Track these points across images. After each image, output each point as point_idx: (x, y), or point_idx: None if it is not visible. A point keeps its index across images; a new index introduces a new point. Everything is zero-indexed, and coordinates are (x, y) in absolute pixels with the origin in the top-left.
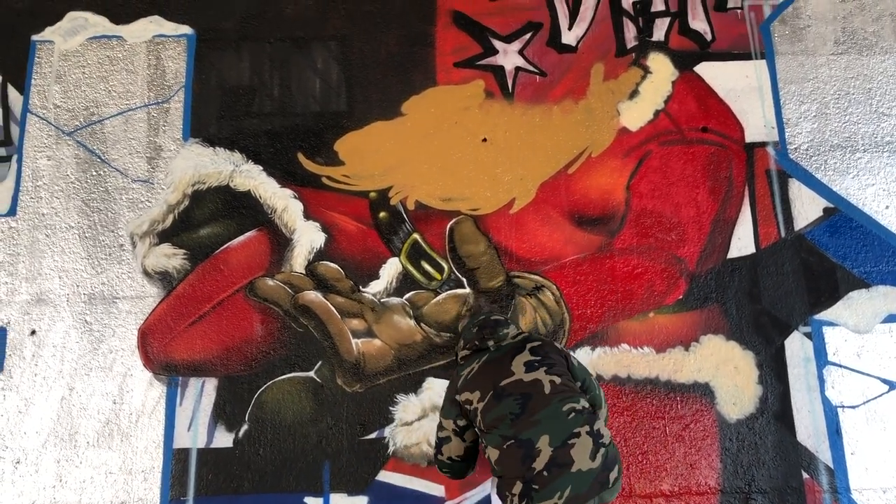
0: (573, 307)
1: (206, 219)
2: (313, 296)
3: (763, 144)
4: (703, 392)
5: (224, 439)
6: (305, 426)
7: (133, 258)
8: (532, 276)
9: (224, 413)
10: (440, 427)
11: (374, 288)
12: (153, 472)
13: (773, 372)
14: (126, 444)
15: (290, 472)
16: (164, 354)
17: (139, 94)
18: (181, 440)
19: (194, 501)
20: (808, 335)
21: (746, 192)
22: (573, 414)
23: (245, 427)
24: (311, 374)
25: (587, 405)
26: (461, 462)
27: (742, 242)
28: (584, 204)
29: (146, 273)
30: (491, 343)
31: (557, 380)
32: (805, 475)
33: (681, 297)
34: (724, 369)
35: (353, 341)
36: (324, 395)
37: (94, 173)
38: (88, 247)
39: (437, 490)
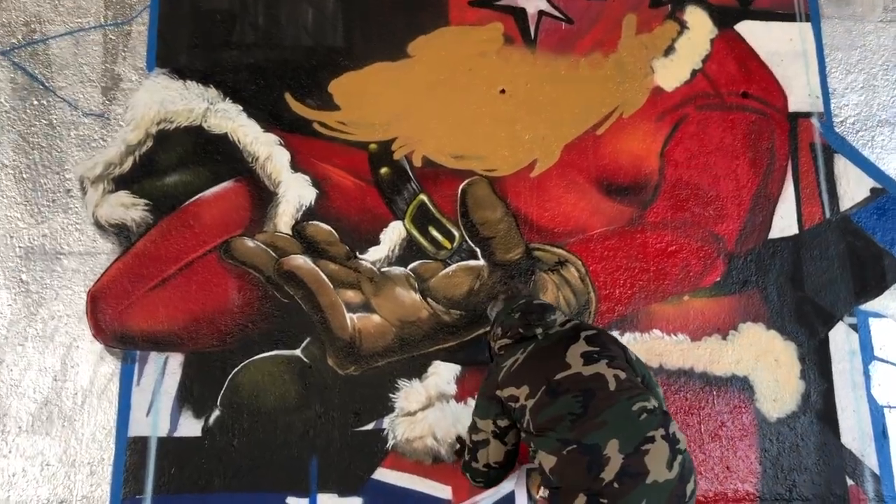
0: (600, 286)
1: (174, 164)
2: (301, 261)
3: (807, 115)
4: (741, 386)
5: (191, 427)
6: (289, 414)
7: (83, 207)
8: (554, 250)
9: (191, 396)
10: (474, 429)
11: (374, 255)
12: (102, 465)
13: (816, 366)
14: (69, 431)
15: (270, 467)
16: (118, 323)
17: (94, 11)
18: (138, 427)
19: (153, 501)
20: (853, 327)
21: (789, 167)
22: (644, 415)
23: (216, 413)
24: (298, 352)
25: (657, 404)
26: (500, 469)
27: (784, 222)
28: (613, 170)
29: (98, 225)
30: (539, 331)
31: (622, 374)
32: (850, 481)
33: (718, 279)
34: (765, 361)
35: (348, 316)
36: (312, 378)
37: (36, 103)
38: (26, 190)
39: (442, 492)
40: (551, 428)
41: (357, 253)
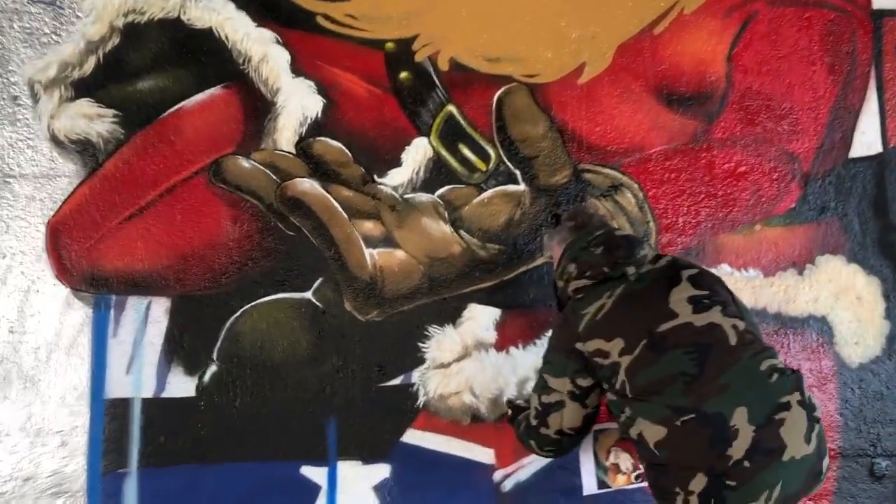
0: (660, 214)
1: (147, 66)
2: (308, 186)
3: (893, 13)
4: (819, 328)
5: (182, 386)
6: (301, 368)
7: (34, 118)
8: (608, 172)
9: (181, 348)
10: (545, 389)
11: (395, 179)
12: (75, 434)
13: None
14: (32, 393)
15: (280, 432)
16: (87, 261)
17: None
18: (117, 387)
19: (139, 475)
20: None
21: (873, 74)
22: (776, 376)
23: (213, 368)
24: (308, 295)
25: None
26: (576, 435)
27: (867, 138)
28: (674, 76)
29: (56, 141)
30: (631, 270)
31: (741, 324)
32: None
33: (793, 205)
34: (845, 299)
35: (367, 251)
36: (327, 325)
37: None
38: None
39: (483, 455)
40: (658, 392)
41: (375, 176)
